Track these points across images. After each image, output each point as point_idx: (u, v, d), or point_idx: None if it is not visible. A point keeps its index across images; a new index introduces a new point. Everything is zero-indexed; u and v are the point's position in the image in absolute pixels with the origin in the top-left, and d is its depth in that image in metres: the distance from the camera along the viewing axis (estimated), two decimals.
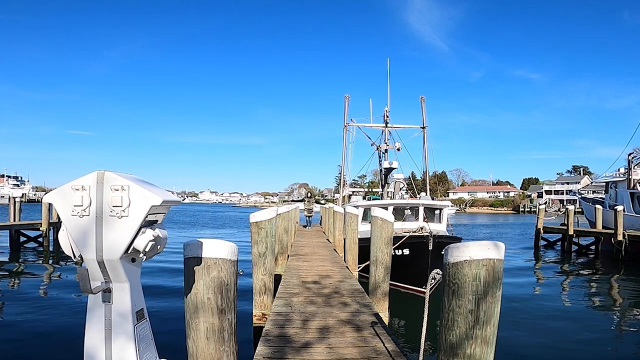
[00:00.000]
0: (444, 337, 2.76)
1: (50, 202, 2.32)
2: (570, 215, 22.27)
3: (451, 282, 2.69)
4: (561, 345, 7.94)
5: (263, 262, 6.19)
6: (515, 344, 7.59)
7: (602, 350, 7.75)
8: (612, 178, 25.01)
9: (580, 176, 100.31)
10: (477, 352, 2.65)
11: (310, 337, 4.54)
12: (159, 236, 2.37)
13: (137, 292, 2.43)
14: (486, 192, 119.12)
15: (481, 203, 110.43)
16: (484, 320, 2.62)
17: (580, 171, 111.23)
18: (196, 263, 2.92)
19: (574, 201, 30.71)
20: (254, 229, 6.21)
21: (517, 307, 10.49)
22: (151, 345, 2.55)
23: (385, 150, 19.41)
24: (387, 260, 6.81)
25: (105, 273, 2.28)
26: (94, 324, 2.34)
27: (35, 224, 20.67)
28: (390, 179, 18.48)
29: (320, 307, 5.87)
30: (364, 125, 21.61)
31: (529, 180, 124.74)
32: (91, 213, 2.21)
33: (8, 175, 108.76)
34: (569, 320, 9.68)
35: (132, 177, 2.33)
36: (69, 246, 2.33)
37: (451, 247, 2.73)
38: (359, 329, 4.88)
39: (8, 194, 62.63)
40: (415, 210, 14.66)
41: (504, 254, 2.70)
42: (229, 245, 3.03)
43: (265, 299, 6.21)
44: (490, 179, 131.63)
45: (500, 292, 2.68)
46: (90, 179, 2.23)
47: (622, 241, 18.66)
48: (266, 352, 4.05)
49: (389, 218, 7.01)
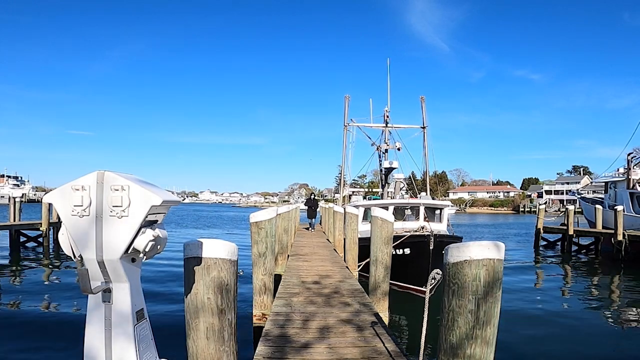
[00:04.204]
0: (444, 337, 2.76)
1: (50, 202, 2.31)
2: (570, 215, 22.26)
3: (451, 282, 2.69)
4: (561, 345, 7.95)
5: (263, 262, 6.19)
6: (516, 344, 7.59)
7: (602, 350, 7.76)
8: (612, 178, 24.99)
9: (580, 176, 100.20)
10: (477, 352, 2.65)
11: (310, 337, 4.54)
12: (159, 236, 2.37)
13: (137, 292, 2.43)
14: (486, 192, 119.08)
15: (481, 203, 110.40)
16: (484, 320, 2.62)
17: (580, 171, 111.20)
18: (196, 263, 2.92)
19: (573, 201, 30.66)
20: (254, 229, 6.21)
21: (517, 307, 10.49)
22: (151, 345, 2.55)
23: (386, 150, 19.38)
24: (387, 260, 6.82)
25: (105, 273, 2.28)
26: (94, 324, 2.34)
27: (35, 224, 20.66)
28: (390, 178, 18.47)
29: (320, 307, 5.87)
30: (364, 125, 21.57)
31: (529, 180, 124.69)
32: (91, 213, 2.21)
33: (8, 175, 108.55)
34: (569, 320, 9.68)
35: (132, 177, 2.33)
36: (69, 246, 2.33)
37: (451, 247, 2.72)
38: (359, 328, 4.88)
39: (8, 194, 62.56)
40: (416, 210, 14.66)
41: (504, 254, 2.70)
42: (229, 245, 3.03)
43: (265, 299, 6.21)
44: (490, 179, 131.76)
45: (500, 292, 2.68)
46: (90, 179, 2.22)
47: (622, 241, 18.66)
48: (266, 352, 4.05)
49: (389, 218, 7.01)
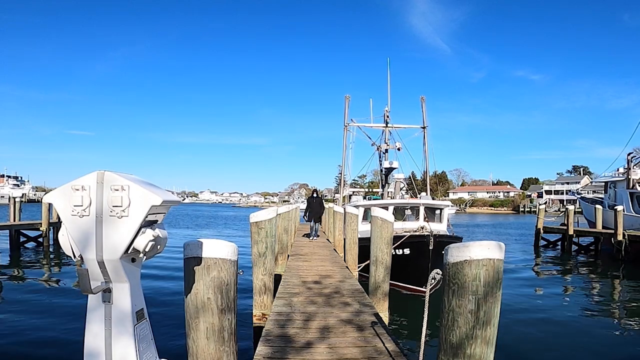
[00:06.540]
0: (444, 337, 2.76)
1: (50, 202, 2.32)
2: (570, 215, 22.26)
3: (451, 282, 2.69)
4: (561, 345, 7.95)
5: (263, 262, 6.19)
6: (516, 344, 7.59)
7: (602, 350, 7.75)
8: (612, 178, 24.98)
9: (580, 176, 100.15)
10: (478, 352, 2.64)
11: (310, 337, 4.54)
12: (159, 236, 2.37)
13: (137, 292, 2.43)
14: (486, 192, 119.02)
15: (481, 203, 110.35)
16: (484, 320, 2.61)
17: (580, 171, 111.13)
18: (196, 263, 2.92)
19: (573, 201, 30.65)
20: (254, 229, 6.21)
21: (517, 307, 10.49)
22: (151, 345, 2.55)
23: (386, 150, 19.38)
24: (387, 260, 6.81)
25: (105, 273, 2.28)
26: (94, 324, 2.34)
27: (35, 224, 20.66)
28: (390, 178, 18.46)
29: (320, 307, 5.87)
30: (364, 125, 21.55)
31: (529, 180, 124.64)
32: (91, 213, 2.21)
33: (8, 175, 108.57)
34: (569, 320, 9.68)
35: (132, 177, 2.33)
36: (69, 246, 2.33)
37: (451, 247, 2.72)
38: (359, 328, 4.88)
39: (8, 194, 62.47)
40: (416, 210, 14.66)
41: (504, 254, 2.70)
42: (229, 245, 3.03)
43: (265, 298, 6.21)
44: (490, 179, 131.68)
45: (500, 292, 2.68)
46: (91, 179, 2.22)
47: (622, 241, 18.67)
48: (266, 352, 4.05)
49: (389, 218, 7.00)
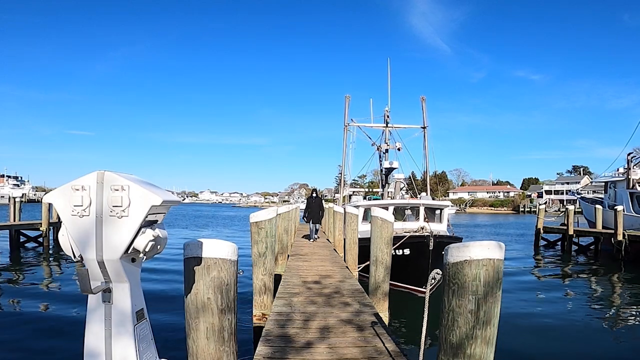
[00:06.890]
0: (444, 337, 2.76)
1: (50, 202, 2.32)
2: (570, 215, 22.25)
3: (451, 282, 2.69)
4: (561, 345, 7.94)
5: (263, 262, 6.18)
6: (516, 344, 7.58)
7: (602, 350, 7.75)
8: (612, 178, 24.97)
9: (580, 176, 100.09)
10: (478, 352, 2.64)
11: (310, 337, 4.54)
12: (159, 236, 2.37)
13: (137, 292, 2.43)
14: (486, 192, 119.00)
15: (481, 203, 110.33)
16: (484, 320, 2.61)
17: (580, 171, 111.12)
18: (196, 263, 2.92)
19: (573, 201, 30.65)
20: (254, 229, 6.21)
21: (517, 307, 10.49)
22: (151, 345, 2.55)
23: (386, 150, 19.38)
24: (387, 260, 6.81)
25: (105, 273, 2.28)
26: (94, 324, 2.34)
27: (35, 224, 20.66)
28: (390, 179, 18.45)
29: (320, 307, 5.87)
30: (364, 125, 21.55)
31: (529, 180, 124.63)
32: (91, 213, 2.21)
33: (8, 175, 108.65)
34: (569, 320, 9.68)
35: (132, 177, 2.33)
36: (69, 246, 2.33)
37: (451, 247, 2.72)
38: (359, 328, 4.88)
39: (8, 194, 62.48)
40: (416, 210, 14.66)
41: (504, 254, 2.70)
42: (229, 245, 3.03)
43: (265, 298, 6.21)
44: (490, 179, 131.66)
45: (500, 292, 2.68)
46: (91, 179, 2.22)
47: (622, 241, 18.66)
48: (266, 352, 4.05)
49: (389, 218, 7.00)
